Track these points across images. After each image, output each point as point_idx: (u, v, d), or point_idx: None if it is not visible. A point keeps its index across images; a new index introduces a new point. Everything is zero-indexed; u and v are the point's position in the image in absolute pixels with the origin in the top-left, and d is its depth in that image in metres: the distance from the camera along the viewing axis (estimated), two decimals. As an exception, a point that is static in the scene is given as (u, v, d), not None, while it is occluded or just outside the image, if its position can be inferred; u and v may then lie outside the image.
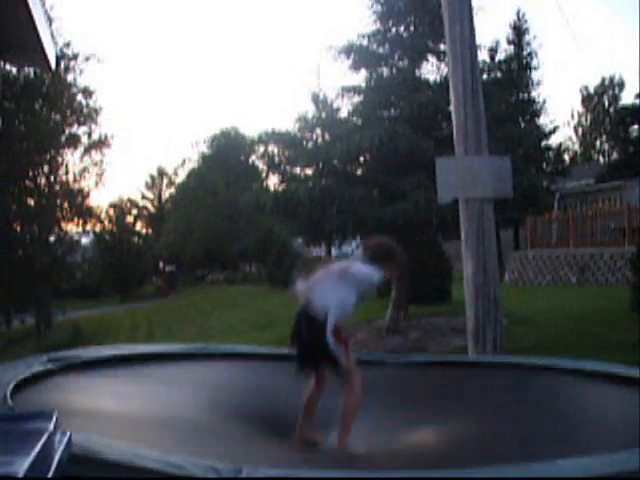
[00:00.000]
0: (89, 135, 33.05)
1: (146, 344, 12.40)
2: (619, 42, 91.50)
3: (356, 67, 13.91)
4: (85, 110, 32.38)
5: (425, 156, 11.56)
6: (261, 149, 44.17)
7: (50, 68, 7.01)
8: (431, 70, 14.29)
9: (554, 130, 36.72)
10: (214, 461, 3.09)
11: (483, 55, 16.19)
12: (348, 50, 13.74)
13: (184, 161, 60.38)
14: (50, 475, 2.30)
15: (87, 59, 31.49)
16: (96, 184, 34.14)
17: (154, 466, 3.05)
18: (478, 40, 9.40)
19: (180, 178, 61.80)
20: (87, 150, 33.13)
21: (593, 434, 4.09)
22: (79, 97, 32.41)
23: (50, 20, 25.70)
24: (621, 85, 58.27)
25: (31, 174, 31.36)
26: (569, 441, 3.92)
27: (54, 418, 2.63)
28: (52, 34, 6.65)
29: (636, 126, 36.46)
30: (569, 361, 5.98)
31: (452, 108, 8.69)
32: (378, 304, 16.13)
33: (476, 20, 8.92)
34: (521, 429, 4.26)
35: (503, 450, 3.85)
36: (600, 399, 4.98)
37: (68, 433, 2.70)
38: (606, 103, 59.06)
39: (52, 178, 32.33)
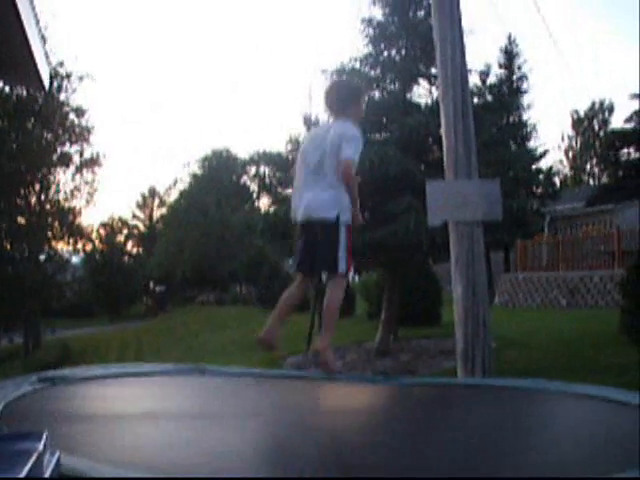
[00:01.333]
0: (81, 154, 33.11)
1: (135, 363, 12.37)
2: (609, 66, 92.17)
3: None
4: (77, 129, 32.45)
5: (415, 179, 11.60)
6: (252, 170, 44.32)
7: (44, 88, 7.04)
8: (422, 93, 14.37)
9: (544, 153, 36.95)
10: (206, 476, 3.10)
11: (474, 79, 16.24)
12: (340, 72, 13.82)
13: (175, 181, 60.49)
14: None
15: (80, 78, 31.61)
16: (87, 203, 34.15)
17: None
18: (469, 64, 9.49)
19: (171, 198, 61.91)
20: (79, 169, 33.17)
21: (578, 457, 4.11)
22: (71, 116, 32.49)
23: (44, 39, 25.78)
24: (611, 109, 58.74)
25: (22, 192, 31.36)
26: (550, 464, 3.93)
27: (44, 438, 2.64)
28: (46, 53, 6.69)
29: (625, 150, 36.67)
30: (554, 383, 6.00)
31: (442, 131, 8.74)
32: (368, 326, 16.17)
33: (467, 44, 9.00)
34: (500, 451, 4.27)
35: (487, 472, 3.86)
36: (587, 422, 5.00)
37: (57, 453, 2.71)
38: (596, 127, 59.46)
39: (43, 197, 32.34)
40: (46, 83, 6.78)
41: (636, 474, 3.25)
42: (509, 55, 37.39)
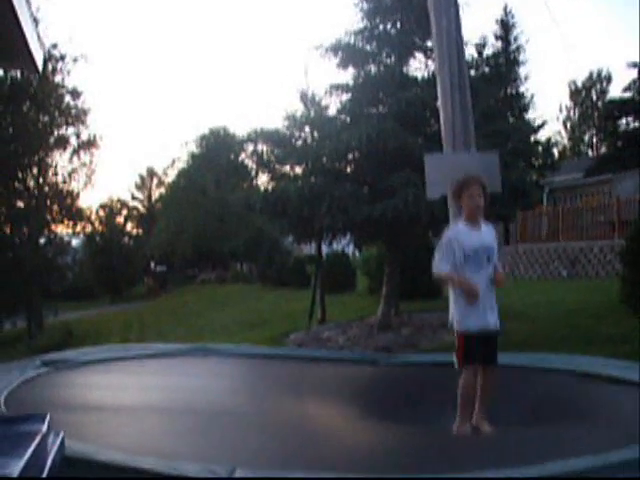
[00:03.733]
0: (78, 136, 32.98)
1: (138, 344, 12.40)
2: (606, 35, 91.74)
3: (344, 65, 13.92)
4: (73, 111, 32.29)
5: (414, 153, 11.56)
6: (250, 148, 44.00)
7: (37, 70, 7.00)
8: (418, 67, 14.31)
9: (543, 125, 36.79)
10: (208, 462, 3.11)
11: (471, 51, 16.17)
12: (336, 48, 13.75)
13: (173, 161, 60.19)
14: (44, 476, 2.32)
15: (75, 60, 31.42)
16: (85, 185, 34.05)
17: (149, 467, 3.07)
18: (465, 36, 9.44)
19: (170, 178, 61.72)
20: (76, 151, 33.04)
21: (577, 431, 4.13)
22: (67, 98, 32.33)
23: (37, 21, 25.62)
24: (609, 79, 58.45)
25: (20, 176, 31.27)
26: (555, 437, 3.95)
27: (47, 420, 2.65)
28: (39, 35, 6.64)
29: (624, 120, 36.51)
30: (554, 357, 6.02)
31: (439, 104, 8.71)
32: (369, 301, 16.17)
33: (462, 16, 8.96)
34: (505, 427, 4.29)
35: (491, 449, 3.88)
36: (588, 397, 5.01)
37: (61, 434, 2.72)
38: (594, 97, 59.20)
39: (41, 180, 32.23)
40: (39, 65, 6.74)
41: (634, 450, 3.27)
42: (505, 26, 37.18)
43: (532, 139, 32.60)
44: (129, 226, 64.89)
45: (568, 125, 60.72)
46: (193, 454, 3.53)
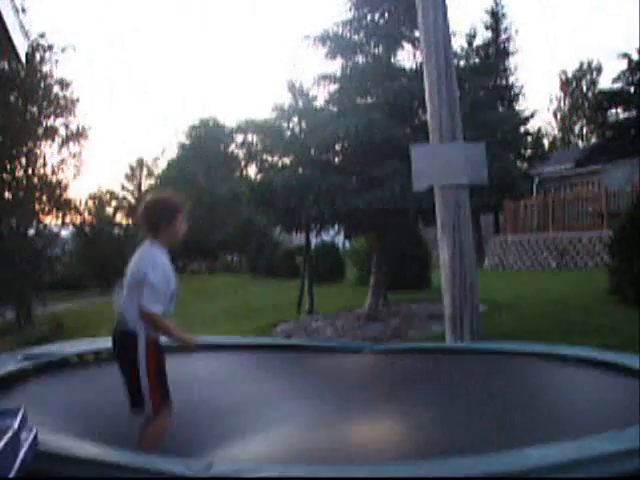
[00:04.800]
0: (67, 127, 32.79)
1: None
2: (596, 26, 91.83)
3: (332, 55, 13.86)
4: (62, 102, 32.11)
5: (401, 144, 11.54)
6: (240, 138, 44.02)
7: (20, 60, 6.93)
8: (406, 57, 14.26)
9: (532, 115, 36.75)
10: (184, 458, 3.09)
11: (461, 42, 16.18)
12: (323, 38, 13.69)
13: (163, 151, 60.09)
14: (13, 473, 2.28)
15: (63, 50, 31.20)
16: (74, 176, 33.89)
17: (126, 463, 3.04)
18: (455, 26, 9.43)
19: (159, 169, 61.59)
20: (65, 142, 32.87)
21: (566, 419, 4.12)
22: (55, 88, 32.13)
23: (23, 10, 25.45)
24: (599, 69, 58.56)
25: (8, 167, 31.10)
26: (541, 426, 3.94)
27: (19, 416, 2.61)
28: (22, 25, 6.58)
29: (614, 110, 36.55)
30: (538, 346, 6.02)
31: (426, 95, 8.69)
32: (358, 291, 16.16)
33: (452, 6, 8.94)
34: (493, 416, 4.27)
35: (476, 437, 3.86)
36: (573, 384, 5.01)
37: (34, 430, 2.69)
38: (584, 87, 59.30)
39: (30, 171, 32.08)
40: (22, 55, 6.68)
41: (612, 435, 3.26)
42: (495, 17, 37.12)
43: (522, 130, 32.77)
44: (119, 217, 64.78)
45: (558, 115, 60.84)
46: (171, 449, 3.51)
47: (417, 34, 12.83)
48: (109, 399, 4.64)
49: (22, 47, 6.48)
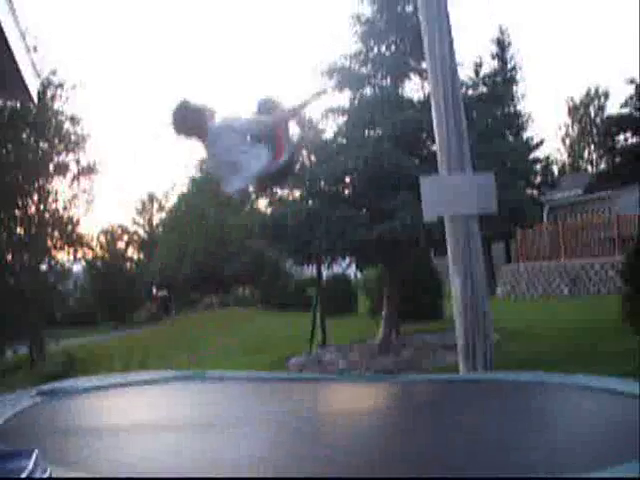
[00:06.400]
0: (77, 162, 33.01)
1: (138, 372, 12.38)
2: (603, 52, 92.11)
3: (340, 87, 13.97)
4: (73, 137, 32.35)
5: (410, 174, 11.58)
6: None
7: (32, 100, 7.02)
8: (414, 88, 14.35)
9: (541, 142, 36.78)
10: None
11: (467, 71, 16.22)
12: (331, 71, 13.81)
13: (174, 185, 60.35)
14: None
15: (74, 87, 31.52)
16: (86, 211, 34.07)
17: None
18: (461, 56, 9.50)
19: (170, 202, 61.85)
20: (76, 177, 33.07)
21: (579, 449, 4.10)
22: (66, 125, 32.40)
23: (35, 49, 25.70)
24: (606, 95, 58.66)
25: (20, 203, 31.31)
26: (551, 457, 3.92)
27: (34, 456, 2.63)
28: (33, 63, 6.66)
29: (622, 135, 36.60)
30: (552, 375, 5.99)
31: (434, 127, 8.73)
32: (370, 322, 16.15)
33: (458, 35, 9.00)
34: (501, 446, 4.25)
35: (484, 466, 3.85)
36: (587, 414, 4.98)
37: (48, 471, 2.69)
38: (592, 113, 59.40)
39: (42, 206, 32.27)
40: (34, 95, 6.76)
41: (635, 466, 3.25)
42: (501, 45, 37.28)
43: (531, 157, 32.81)
44: (130, 251, 64.98)
45: (567, 142, 60.89)
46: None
47: (424, 65, 12.90)
48: (124, 435, 4.66)
49: (34, 86, 6.55)
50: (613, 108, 56.24)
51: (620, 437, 4.21)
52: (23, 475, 2.42)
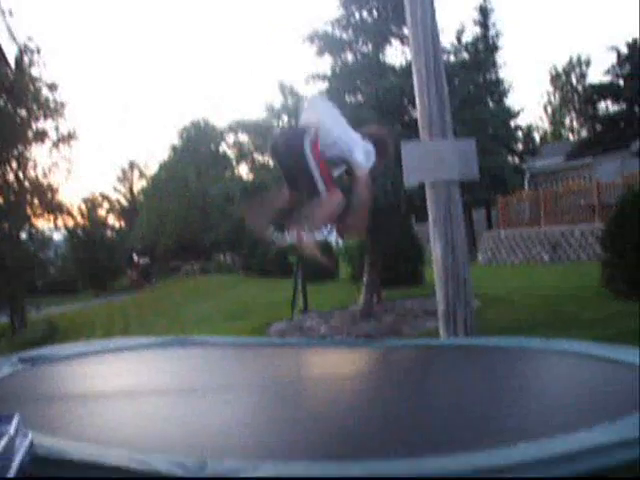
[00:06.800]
0: (57, 129, 32.72)
1: (119, 338, 12.38)
2: (585, 19, 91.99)
3: (321, 54, 13.87)
4: (51, 104, 32.04)
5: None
6: (231, 139, 44.08)
7: (8, 64, 6.93)
8: (395, 54, 14.26)
9: (523, 110, 36.90)
10: (178, 456, 3.09)
11: (449, 38, 16.18)
12: (312, 37, 13.71)
13: (154, 153, 60.14)
14: (11, 477, 2.30)
15: (52, 52, 31.24)
16: (66, 179, 33.88)
17: (118, 463, 3.05)
18: (443, 23, 9.43)
19: (151, 170, 61.60)
20: (55, 145, 32.80)
21: (559, 413, 4.13)
22: (44, 91, 32.07)
23: (11, 13, 25.34)
24: (588, 63, 58.71)
25: (-1, 171, 31.07)
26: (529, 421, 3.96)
27: (15, 421, 2.62)
28: (9, 28, 6.57)
29: (603, 103, 36.73)
30: (532, 340, 6.04)
31: (416, 93, 8.69)
32: (352, 289, 16.18)
33: (440, 2, 8.94)
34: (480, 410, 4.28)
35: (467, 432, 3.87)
36: (567, 378, 5.03)
37: (29, 435, 2.69)
38: (574, 81, 59.47)
39: (21, 174, 32.01)
40: (11, 60, 6.67)
41: (603, 430, 3.29)
42: (484, 12, 37.12)
43: (513, 124, 32.83)
44: (111, 219, 64.77)
45: (549, 110, 61.00)
46: (166, 448, 3.51)
47: (406, 31, 12.84)
48: (106, 400, 4.65)
49: (10, 50, 6.47)
50: (595, 76, 56.31)
51: (599, 400, 4.26)
52: (4, 440, 2.42)
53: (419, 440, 3.70)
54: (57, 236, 41.92)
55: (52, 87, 32.04)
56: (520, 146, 35.22)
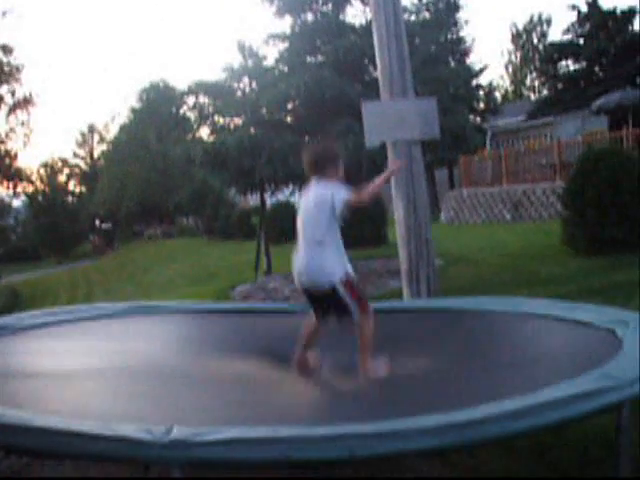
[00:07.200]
0: (13, 94, 32.20)
1: (83, 304, 12.28)
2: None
3: (280, 13, 13.74)
4: (6, 68, 31.48)
5: (353, 101, 11.51)
6: (191, 100, 43.57)
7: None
8: (356, 14, 14.18)
9: (484, 69, 36.82)
10: (144, 422, 3.07)
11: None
12: (270, -4, 13.58)
13: (114, 116, 59.41)
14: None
15: (4, 14, 30.59)
16: (24, 145, 33.42)
17: (85, 430, 3.02)
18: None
19: (111, 134, 60.92)
20: (12, 110, 32.30)
21: (523, 372, 4.16)
22: (-1, 55, 31.50)
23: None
24: (549, 22, 58.84)
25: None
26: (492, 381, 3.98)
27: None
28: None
29: (564, 62, 36.82)
30: (493, 300, 6.07)
31: (376, 52, 8.62)
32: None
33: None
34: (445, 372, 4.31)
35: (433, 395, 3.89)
36: (527, 338, 5.06)
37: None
38: (535, 40, 59.59)
39: (-23, 140, 31.55)
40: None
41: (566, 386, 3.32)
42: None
43: (474, 83, 32.88)
44: (72, 184, 64.09)
45: (510, 69, 61.13)
46: (132, 416, 3.49)
47: (366, -10, 12.74)
48: (68, 369, 4.61)
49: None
50: (555, 35, 56.40)
51: (559, 358, 4.30)
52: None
53: (382, 403, 3.71)
54: (17, 203, 41.48)
55: (6, 50, 31.45)
56: (481, 105, 35.29)
